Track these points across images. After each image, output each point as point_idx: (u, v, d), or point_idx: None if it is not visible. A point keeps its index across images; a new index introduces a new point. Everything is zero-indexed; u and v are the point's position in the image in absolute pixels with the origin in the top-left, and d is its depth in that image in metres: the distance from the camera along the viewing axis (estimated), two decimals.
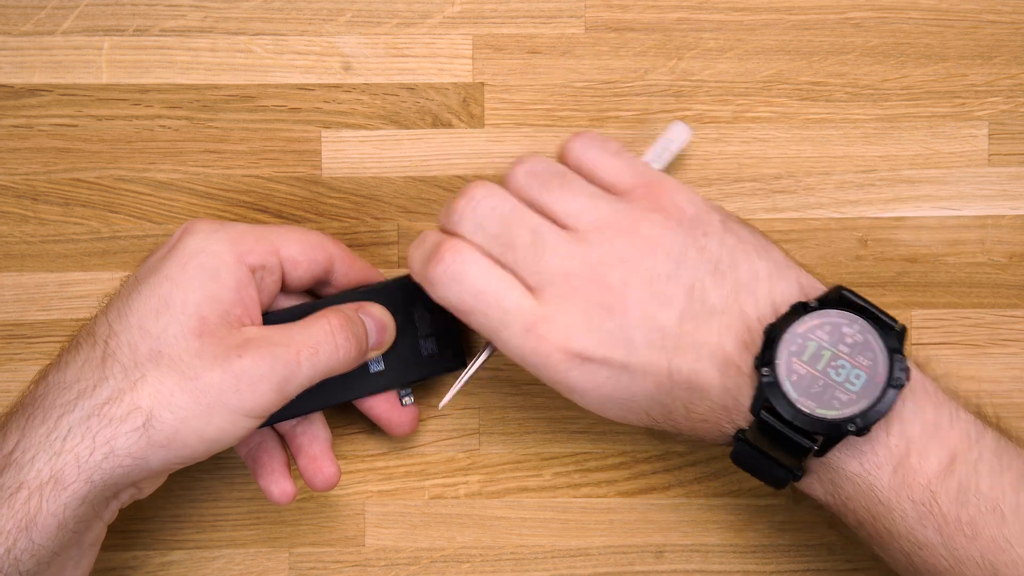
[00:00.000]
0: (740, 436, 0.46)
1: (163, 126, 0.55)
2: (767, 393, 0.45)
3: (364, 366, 0.52)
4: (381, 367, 0.52)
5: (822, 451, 0.45)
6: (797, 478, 0.46)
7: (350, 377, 0.51)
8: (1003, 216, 0.56)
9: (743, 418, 0.46)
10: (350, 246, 0.54)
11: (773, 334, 0.45)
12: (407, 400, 0.53)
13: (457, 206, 0.47)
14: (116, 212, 0.55)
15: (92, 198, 0.55)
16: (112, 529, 0.48)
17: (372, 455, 0.55)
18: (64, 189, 0.55)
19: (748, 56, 0.55)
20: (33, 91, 0.55)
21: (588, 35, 0.55)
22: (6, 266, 0.55)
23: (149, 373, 0.44)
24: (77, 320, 0.55)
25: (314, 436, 0.52)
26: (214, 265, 0.46)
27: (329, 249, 0.51)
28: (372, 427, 0.55)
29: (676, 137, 0.52)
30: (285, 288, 0.50)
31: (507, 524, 0.56)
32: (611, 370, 0.46)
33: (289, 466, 0.51)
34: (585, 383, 0.46)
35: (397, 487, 0.55)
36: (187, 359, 0.45)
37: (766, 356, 0.45)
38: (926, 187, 0.56)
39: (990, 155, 0.56)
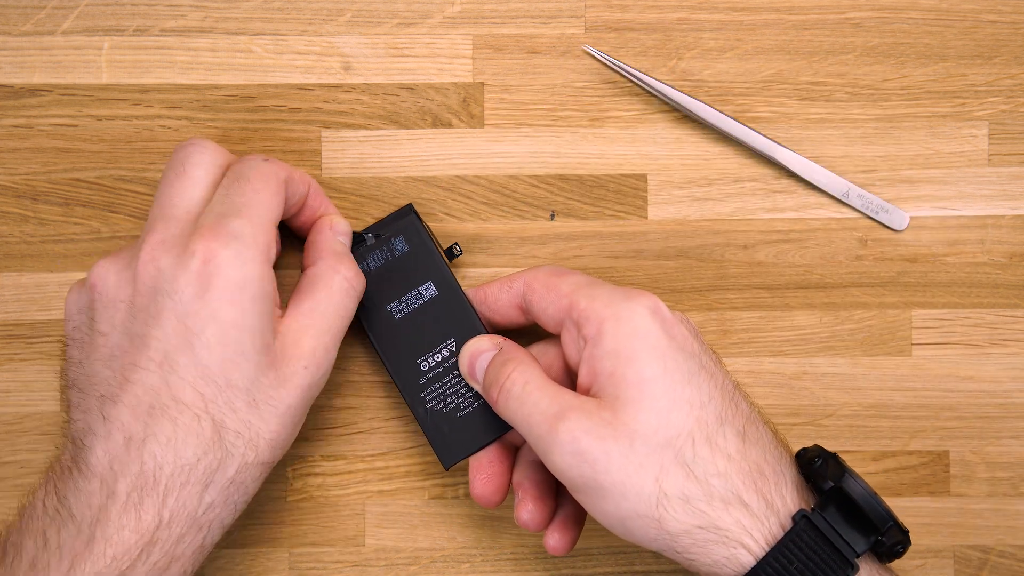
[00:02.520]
0: (803, 513, 0.45)
1: (163, 126, 0.55)
2: (835, 473, 0.45)
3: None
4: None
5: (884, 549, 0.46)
6: (855, 569, 0.45)
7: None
8: (1003, 216, 0.56)
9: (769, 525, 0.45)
10: None
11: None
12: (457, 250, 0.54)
13: None
14: (116, 212, 0.55)
15: (92, 198, 0.55)
16: None
17: (372, 455, 0.55)
18: (64, 189, 0.55)
19: (748, 56, 0.55)
20: (33, 91, 0.55)
21: (588, 35, 0.55)
22: (6, 266, 0.55)
23: (259, 426, 0.47)
24: None
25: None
26: (263, 288, 0.47)
27: (306, 180, 0.52)
28: (372, 427, 0.55)
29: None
30: None
31: (507, 524, 0.55)
32: None
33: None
34: None
35: (397, 487, 0.55)
36: (274, 395, 0.47)
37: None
38: (926, 187, 0.56)
39: (990, 155, 0.56)
